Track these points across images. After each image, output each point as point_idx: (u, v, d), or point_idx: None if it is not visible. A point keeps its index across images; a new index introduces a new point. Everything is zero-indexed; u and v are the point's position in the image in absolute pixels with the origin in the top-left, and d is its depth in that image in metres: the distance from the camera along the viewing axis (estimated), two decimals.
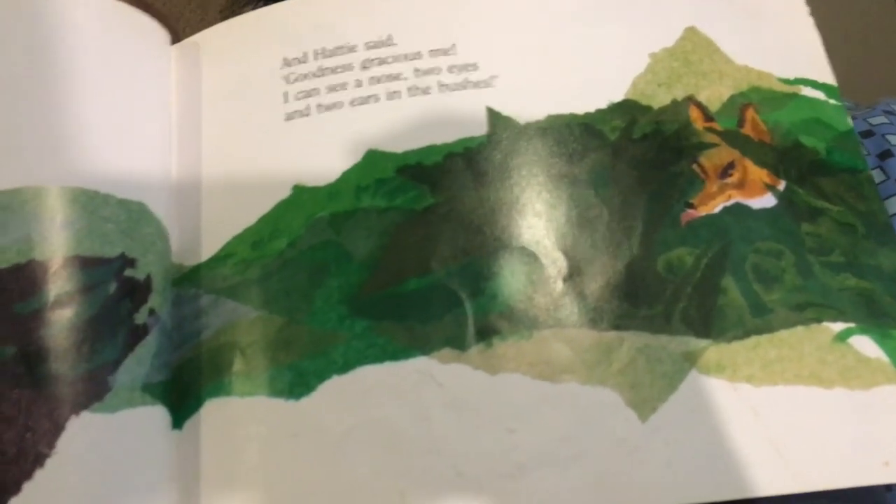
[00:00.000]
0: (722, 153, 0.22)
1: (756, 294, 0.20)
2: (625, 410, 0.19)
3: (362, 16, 0.24)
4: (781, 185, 0.22)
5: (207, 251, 0.22)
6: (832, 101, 0.23)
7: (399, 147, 0.22)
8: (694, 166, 0.22)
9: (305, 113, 0.23)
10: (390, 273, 0.21)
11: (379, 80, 0.23)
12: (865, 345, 0.20)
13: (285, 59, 0.23)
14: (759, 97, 0.22)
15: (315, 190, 0.22)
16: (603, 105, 0.22)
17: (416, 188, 0.21)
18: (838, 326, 0.20)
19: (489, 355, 0.20)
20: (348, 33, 0.23)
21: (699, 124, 0.22)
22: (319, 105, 0.23)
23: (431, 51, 0.23)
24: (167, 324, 0.21)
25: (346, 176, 0.22)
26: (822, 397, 0.19)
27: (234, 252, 0.21)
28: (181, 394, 0.20)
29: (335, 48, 0.23)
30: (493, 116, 0.22)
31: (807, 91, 0.23)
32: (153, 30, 0.23)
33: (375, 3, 0.24)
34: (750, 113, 0.22)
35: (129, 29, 0.22)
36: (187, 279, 0.21)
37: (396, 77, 0.23)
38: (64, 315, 0.18)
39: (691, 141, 0.22)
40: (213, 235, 0.22)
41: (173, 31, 0.24)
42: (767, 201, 0.21)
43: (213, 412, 0.20)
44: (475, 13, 0.23)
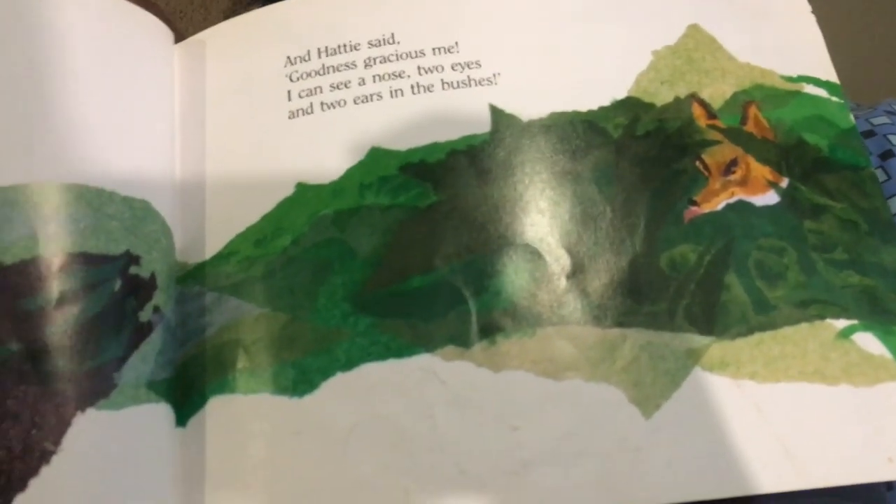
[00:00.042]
0: (725, 150, 0.22)
1: (759, 291, 0.20)
2: (628, 408, 0.19)
3: (365, 14, 0.24)
4: (784, 183, 0.22)
5: (211, 249, 0.22)
6: (835, 99, 0.23)
7: (402, 145, 0.22)
8: (697, 163, 0.22)
9: (309, 111, 0.23)
10: (394, 270, 0.21)
11: (382, 79, 0.23)
12: (869, 342, 0.20)
13: (289, 58, 0.23)
14: (762, 94, 0.23)
15: (319, 188, 0.22)
16: (606, 102, 0.22)
17: (420, 186, 0.21)
18: (842, 323, 0.20)
19: (493, 353, 0.20)
20: (351, 32, 0.23)
21: (702, 122, 0.22)
22: (323, 103, 0.23)
23: (434, 49, 0.23)
24: (171, 321, 0.21)
25: (350, 173, 0.22)
26: (826, 394, 0.19)
27: (238, 250, 0.21)
28: (185, 391, 0.20)
29: (338, 46, 0.23)
30: (496, 114, 0.22)
31: (809, 88, 0.23)
32: (156, 28, 0.23)
33: (378, 2, 0.24)
34: (753, 110, 0.22)
35: (133, 27, 0.22)
36: (191, 277, 0.21)
37: (399, 75, 0.23)
38: (69, 312, 0.18)
39: (694, 138, 0.22)
40: (217, 233, 0.22)
41: (176, 30, 0.24)
42: (770, 198, 0.21)
43: (217, 409, 0.20)
44: (478, 11, 0.23)
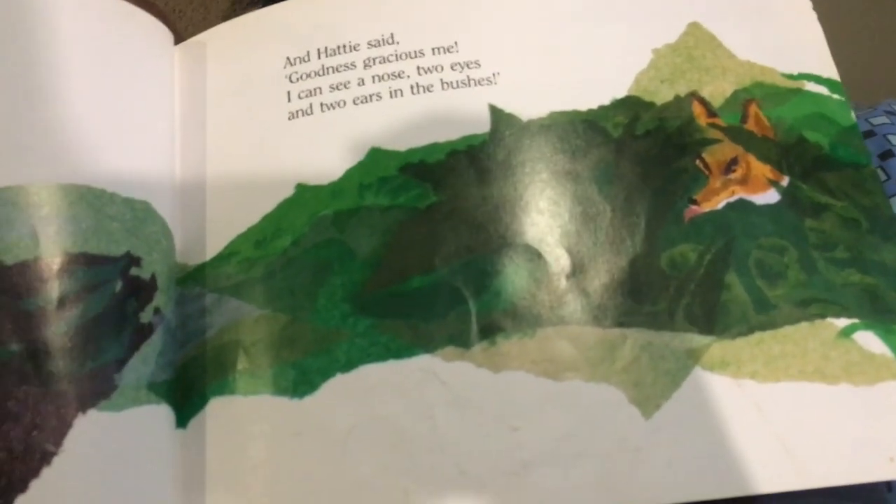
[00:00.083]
0: (725, 149, 0.22)
1: (760, 290, 0.20)
2: (628, 408, 0.19)
3: (365, 15, 0.24)
4: (785, 181, 0.22)
5: (211, 250, 0.22)
6: (835, 97, 0.23)
7: (402, 145, 0.22)
8: (697, 162, 0.22)
9: (308, 112, 0.23)
10: (394, 271, 0.21)
11: (381, 79, 0.23)
12: (870, 340, 0.20)
13: (288, 59, 0.23)
14: (763, 92, 0.22)
15: (318, 188, 0.22)
16: (606, 101, 0.22)
17: (420, 186, 0.21)
18: (842, 322, 0.20)
19: (493, 353, 0.20)
20: (351, 32, 0.23)
21: (702, 120, 0.22)
22: (322, 104, 0.23)
23: (434, 49, 0.23)
24: (172, 322, 0.21)
25: (350, 174, 0.22)
26: (827, 393, 0.19)
27: (238, 251, 0.21)
28: (186, 392, 0.20)
29: (338, 47, 0.23)
30: (496, 114, 0.22)
31: (810, 86, 0.23)
32: (156, 29, 0.23)
33: (378, 3, 0.24)
34: (753, 108, 0.22)
35: (133, 28, 0.22)
36: (191, 278, 0.21)
37: (399, 75, 0.23)
38: (70, 313, 0.18)
39: (694, 137, 0.22)
40: (217, 234, 0.22)
41: (175, 30, 0.24)
42: (771, 197, 0.21)
43: (218, 411, 0.20)
44: (477, 11, 0.23)
